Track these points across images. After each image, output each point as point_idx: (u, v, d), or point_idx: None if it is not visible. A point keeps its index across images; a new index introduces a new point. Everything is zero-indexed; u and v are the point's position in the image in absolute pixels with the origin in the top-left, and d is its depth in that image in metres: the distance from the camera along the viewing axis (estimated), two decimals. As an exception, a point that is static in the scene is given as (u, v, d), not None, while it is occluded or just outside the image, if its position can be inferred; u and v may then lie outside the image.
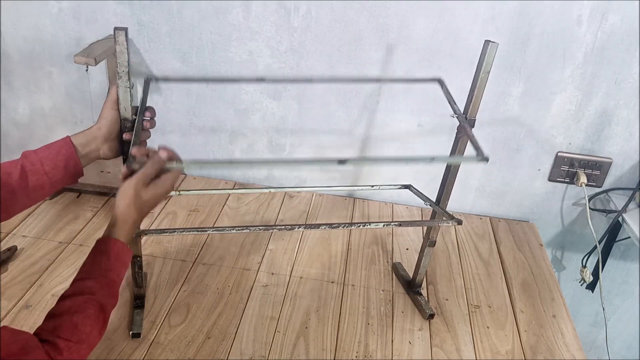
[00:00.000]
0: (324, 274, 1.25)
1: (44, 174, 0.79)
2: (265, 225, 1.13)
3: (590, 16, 1.24)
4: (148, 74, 0.92)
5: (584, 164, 1.43)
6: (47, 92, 1.48)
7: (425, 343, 1.10)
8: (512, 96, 1.37)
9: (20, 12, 1.36)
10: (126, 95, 0.85)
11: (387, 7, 1.28)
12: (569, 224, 1.56)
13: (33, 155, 0.80)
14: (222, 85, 1.42)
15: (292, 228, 1.03)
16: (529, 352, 1.11)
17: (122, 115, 0.87)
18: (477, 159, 0.83)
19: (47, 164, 0.80)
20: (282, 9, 1.30)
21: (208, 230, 0.96)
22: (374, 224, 0.99)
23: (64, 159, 0.81)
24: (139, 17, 1.34)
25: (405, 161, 1.10)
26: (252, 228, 1.07)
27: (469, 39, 1.29)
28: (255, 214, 1.44)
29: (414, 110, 1.41)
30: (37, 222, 1.31)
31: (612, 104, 1.35)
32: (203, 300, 1.14)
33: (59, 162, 0.80)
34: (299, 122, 1.46)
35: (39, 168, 0.79)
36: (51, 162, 0.80)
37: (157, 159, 0.82)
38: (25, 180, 0.78)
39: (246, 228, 0.96)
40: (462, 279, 1.30)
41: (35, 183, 0.79)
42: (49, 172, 0.80)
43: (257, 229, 0.99)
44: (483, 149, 0.84)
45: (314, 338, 1.08)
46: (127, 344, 1.01)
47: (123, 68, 0.83)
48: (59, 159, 0.81)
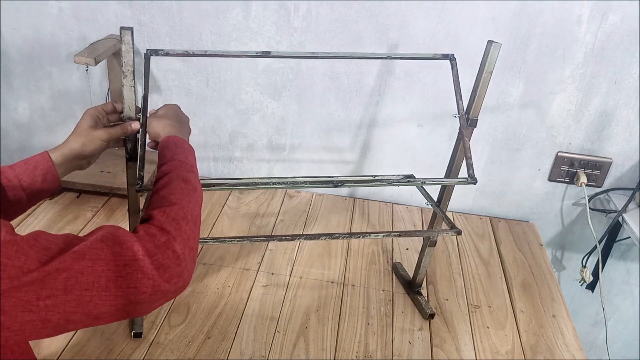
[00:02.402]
0: (324, 274, 1.25)
1: (21, 189, 0.79)
2: (265, 236, 1.14)
3: (590, 16, 1.24)
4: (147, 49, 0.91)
5: (584, 164, 1.43)
6: (47, 92, 1.48)
7: (425, 343, 1.10)
8: (512, 96, 1.37)
9: (20, 12, 1.36)
10: (130, 95, 0.85)
11: (387, 7, 1.28)
12: (569, 224, 1.56)
13: (9, 171, 0.79)
14: (222, 85, 1.42)
15: (293, 239, 1.03)
16: (529, 352, 1.11)
17: (126, 114, 0.87)
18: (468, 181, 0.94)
19: (25, 179, 0.79)
20: (282, 9, 1.30)
21: (209, 242, 0.96)
22: (373, 235, 1.01)
23: (42, 173, 0.80)
24: (139, 17, 1.34)
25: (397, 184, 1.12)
26: (252, 239, 1.08)
27: (469, 39, 1.29)
28: (255, 214, 1.44)
29: (414, 110, 1.41)
30: (37, 222, 1.31)
31: (612, 104, 1.35)
32: (203, 300, 1.14)
33: (37, 177, 0.80)
34: (299, 122, 1.46)
35: (16, 183, 0.78)
36: (28, 178, 0.79)
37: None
38: (3, 196, 0.78)
39: (247, 239, 0.96)
40: (462, 279, 1.30)
41: (13, 198, 0.78)
42: (27, 187, 0.79)
43: (258, 240, 0.99)
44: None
45: (314, 338, 1.08)
46: (127, 344, 1.01)
47: (128, 67, 0.83)
48: (37, 174, 0.80)
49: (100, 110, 0.88)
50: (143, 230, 0.65)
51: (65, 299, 0.55)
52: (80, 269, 0.56)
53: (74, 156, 0.84)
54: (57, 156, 0.82)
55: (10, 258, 0.53)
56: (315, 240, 1.35)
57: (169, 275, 0.62)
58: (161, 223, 0.66)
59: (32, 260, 0.54)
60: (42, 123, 1.53)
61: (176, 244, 0.64)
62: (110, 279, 0.58)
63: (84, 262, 0.57)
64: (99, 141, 0.85)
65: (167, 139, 0.84)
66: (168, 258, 0.63)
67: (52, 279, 0.54)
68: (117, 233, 0.62)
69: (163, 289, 0.62)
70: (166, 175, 0.76)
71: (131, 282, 0.59)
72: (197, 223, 0.73)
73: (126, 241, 0.61)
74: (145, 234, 0.64)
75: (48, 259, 0.55)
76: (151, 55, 0.91)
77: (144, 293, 0.60)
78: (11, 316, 0.53)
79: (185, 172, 0.77)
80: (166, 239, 0.64)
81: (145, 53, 0.91)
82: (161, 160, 0.80)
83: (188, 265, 0.66)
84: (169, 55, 0.93)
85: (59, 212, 1.35)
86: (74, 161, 0.85)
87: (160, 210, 0.68)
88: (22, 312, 0.53)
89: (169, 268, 0.62)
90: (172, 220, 0.67)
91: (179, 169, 0.77)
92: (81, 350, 0.99)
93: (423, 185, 0.98)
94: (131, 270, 0.59)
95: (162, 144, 0.84)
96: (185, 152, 0.83)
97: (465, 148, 0.95)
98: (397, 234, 1.05)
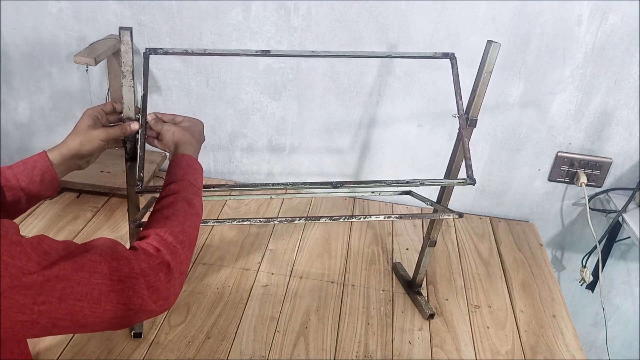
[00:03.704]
0: (324, 274, 1.25)
1: (20, 189, 0.79)
2: (266, 218, 1.15)
3: (590, 16, 1.24)
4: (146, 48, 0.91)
5: (584, 164, 1.43)
6: (47, 92, 1.48)
7: (425, 343, 1.10)
8: (512, 96, 1.37)
9: (20, 12, 1.36)
10: (130, 95, 0.85)
11: (387, 7, 1.28)
12: (568, 224, 1.56)
13: (8, 172, 0.79)
14: (222, 85, 1.42)
15: (293, 220, 1.04)
16: (529, 352, 1.11)
17: (126, 114, 0.87)
18: (466, 182, 0.95)
19: (23, 179, 0.79)
20: (282, 9, 1.30)
21: (209, 222, 0.98)
22: (374, 217, 1.02)
23: (40, 173, 0.80)
24: (139, 17, 1.34)
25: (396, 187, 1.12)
26: (252, 220, 1.09)
27: (469, 39, 1.29)
28: (255, 214, 1.44)
29: (414, 110, 1.41)
30: (37, 221, 1.31)
31: (612, 104, 1.35)
32: (203, 300, 1.14)
33: (35, 177, 0.80)
34: (299, 122, 1.46)
35: (15, 184, 0.79)
36: (27, 178, 0.79)
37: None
38: (2, 197, 0.78)
39: (247, 220, 0.97)
40: (462, 279, 1.30)
41: (12, 198, 0.78)
42: (25, 187, 0.79)
43: (257, 221, 1.00)
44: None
45: (314, 338, 1.08)
46: (127, 344, 1.01)
47: (127, 67, 0.83)
48: (35, 174, 0.80)
49: (99, 111, 0.88)
50: (141, 249, 0.67)
51: (59, 306, 0.57)
52: (78, 279, 0.58)
53: (72, 155, 0.84)
54: (56, 156, 0.82)
55: (13, 258, 0.54)
56: (316, 237, 1.36)
57: (157, 296, 0.65)
58: (159, 244, 0.68)
59: (33, 263, 0.55)
60: (42, 123, 1.53)
61: (169, 268, 0.67)
62: (102, 292, 0.60)
63: (82, 273, 0.59)
64: (97, 141, 0.85)
65: (182, 157, 0.84)
66: (159, 280, 0.65)
67: (51, 286, 0.56)
68: (117, 249, 0.64)
69: (149, 309, 0.64)
70: (173, 195, 0.77)
71: (122, 298, 0.61)
72: (192, 247, 0.75)
73: (124, 258, 0.63)
74: (142, 253, 0.66)
75: (47, 264, 0.56)
76: (150, 54, 0.91)
77: (131, 310, 0.63)
78: (6, 316, 0.54)
79: (192, 195, 0.79)
80: (161, 261, 0.66)
81: (144, 52, 0.91)
82: (171, 177, 0.81)
83: (176, 289, 0.69)
84: (168, 54, 0.93)
85: (59, 212, 1.35)
86: (73, 161, 0.85)
87: (161, 230, 0.70)
88: (17, 313, 0.54)
89: (159, 290, 0.65)
90: (170, 244, 0.69)
91: (186, 191, 0.79)
92: (81, 350, 0.99)
93: (422, 186, 0.98)
94: (124, 287, 0.62)
95: (176, 160, 0.84)
96: (196, 173, 0.84)
97: (465, 148, 0.95)
98: (397, 216, 1.08)
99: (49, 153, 0.82)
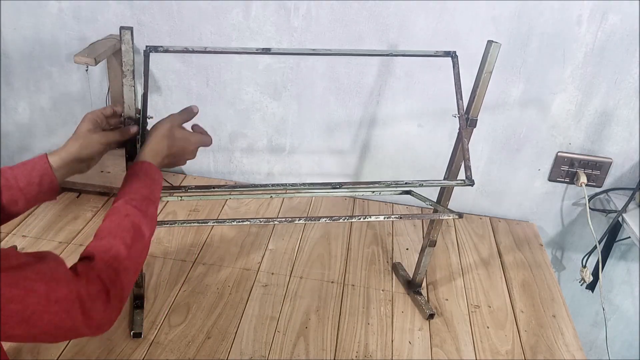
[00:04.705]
0: (324, 274, 1.25)
1: (18, 190, 0.79)
2: (266, 218, 1.15)
3: (590, 16, 1.24)
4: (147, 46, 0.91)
5: (584, 164, 1.43)
6: (47, 92, 1.48)
7: (425, 343, 1.10)
8: (512, 96, 1.37)
9: (20, 12, 1.36)
10: (130, 94, 0.85)
11: (387, 7, 1.28)
12: (569, 224, 1.56)
13: (9, 172, 0.79)
14: (222, 85, 1.42)
15: (293, 220, 1.04)
16: (529, 352, 1.11)
17: (126, 113, 0.87)
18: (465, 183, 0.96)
19: (21, 180, 0.79)
20: (282, 9, 1.30)
21: (209, 222, 0.98)
22: (374, 217, 1.02)
23: (39, 175, 0.80)
24: (139, 17, 1.34)
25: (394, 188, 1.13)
26: (252, 220, 1.09)
27: (469, 39, 1.29)
28: (255, 214, 1.44)
29: (414, 110, 1.41)
30: (37, 222, 1.31)
31: (612, 104, 1.35)
32: (203, 300, 1.14)
33: (33, 178, 0.80)
34: (299, 122, 1.46)
35: (13, 184, 0.79)
36: (25, 179, 0.79)
37: (189, 109, 0.91)
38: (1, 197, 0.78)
39: (247, 220, 0.97)
40: (462, 279, 1.30)
41: (10, 198, 0.78)
42: (24, 188, 0.79)
43: (257, 221, 1.00)
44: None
45: (314, 338, 1.08)
46: (127, 344, 1.01)
47: (128, 67, 0.83)
48: (34, 175, 0.80)
49: (99, 114, 0.88)
50: (83, 273, 0.66)
51: None
52: (11, 297, 0.57)
53: (72, 159, 0.84)
54: (55, 159, 0.82)
55: None
56: (316, 237, 1.36)
57: (91, 322, 0.65)
58: (100, 271, 0.68)
59: None
60: (42, 123, 1.53)
61: (108, 296, 0.67)
62: (35, 312, 0.59)
63: (16, 290, 0.58)
64: (97, 144, 0.85)
65: (141, 165, 0.83)
66: (96, 309, 0.65)
67: None
68: (58, 270, 0.63)
69: (80, 332, 0.65)
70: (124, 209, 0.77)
71: (53, 318, 0.61)
72: (137, 273, 0.75)
73: (63, 280, 0.63)
74: (83, 277, 0.66)
75: None
76: (150, 52, 0.90)
77: (61, 328, 0.62)
78: None
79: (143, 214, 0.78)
80: (100, 288, 0.66)
81: (145, 50, 0.90)
82: (126, 188, 0.80)
83: (112, 316, 0.68)
84: (169, 51, 0.93)
85: (59, 212, 1.35)
86: (73, 164, 0.84)
87: (105, 254, 0.70)
88: None
89: (93, 318, 0.65)
90: (113, 271, 0.69)
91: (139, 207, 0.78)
92: (81, 350, 0.99)
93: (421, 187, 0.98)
94: (58, 309, 0.61)
95: (132, 169, 0.83)
96: (153, 183, 0.82)
97: (464, 149, 0.95)
98: (397, 217, 1.08)
99: (50, 156, 0.82)
